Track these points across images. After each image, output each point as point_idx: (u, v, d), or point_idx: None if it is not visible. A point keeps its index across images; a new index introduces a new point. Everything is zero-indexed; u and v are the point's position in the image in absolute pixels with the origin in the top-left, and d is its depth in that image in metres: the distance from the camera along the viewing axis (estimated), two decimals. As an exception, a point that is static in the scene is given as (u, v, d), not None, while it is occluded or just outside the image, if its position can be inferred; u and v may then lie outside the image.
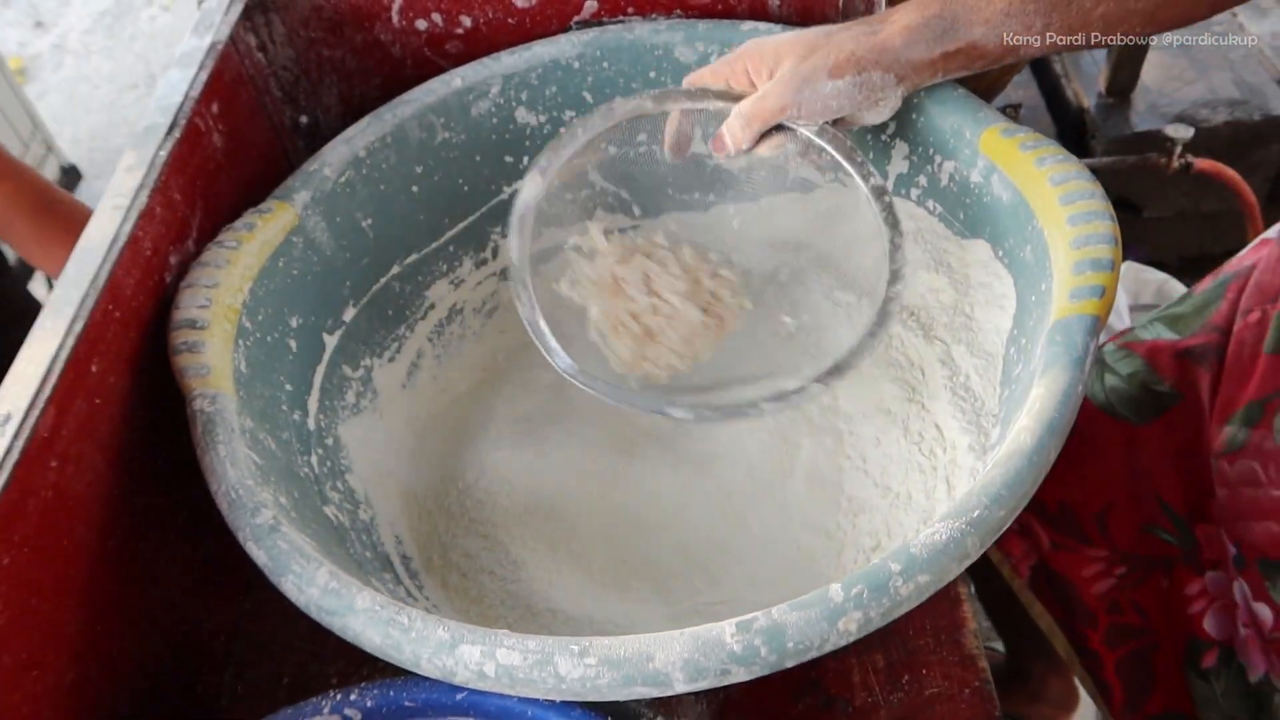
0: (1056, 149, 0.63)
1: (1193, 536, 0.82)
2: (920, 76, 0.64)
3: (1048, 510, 0.89)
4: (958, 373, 0.72)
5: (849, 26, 0.65)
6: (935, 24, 0.62)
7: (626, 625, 0.68)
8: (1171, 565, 0.84)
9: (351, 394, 0.75)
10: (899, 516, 0.70)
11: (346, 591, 0.50)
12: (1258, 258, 0.81)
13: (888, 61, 0.63)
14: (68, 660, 0.56)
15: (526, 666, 0.46)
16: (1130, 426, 0.84)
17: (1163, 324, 0.84)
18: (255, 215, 0.69)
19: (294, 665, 0.70)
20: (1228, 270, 0.83)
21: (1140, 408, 0.84)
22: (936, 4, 0.62)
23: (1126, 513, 0.85)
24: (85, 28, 3.04)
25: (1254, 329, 0.77)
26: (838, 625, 0.46)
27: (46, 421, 0.53)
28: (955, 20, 0.62)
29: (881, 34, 0.63)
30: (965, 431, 0.70)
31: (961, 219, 0.71)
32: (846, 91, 0.64)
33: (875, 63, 0.63)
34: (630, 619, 0.69)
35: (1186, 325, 0.83)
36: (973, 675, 0.65)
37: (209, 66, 0.73)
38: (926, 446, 0.72)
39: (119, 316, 0.60)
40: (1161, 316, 0.85)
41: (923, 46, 0.63)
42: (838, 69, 0.63)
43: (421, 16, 0.82)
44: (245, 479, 0.55)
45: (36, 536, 0.52)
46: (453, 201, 0.81)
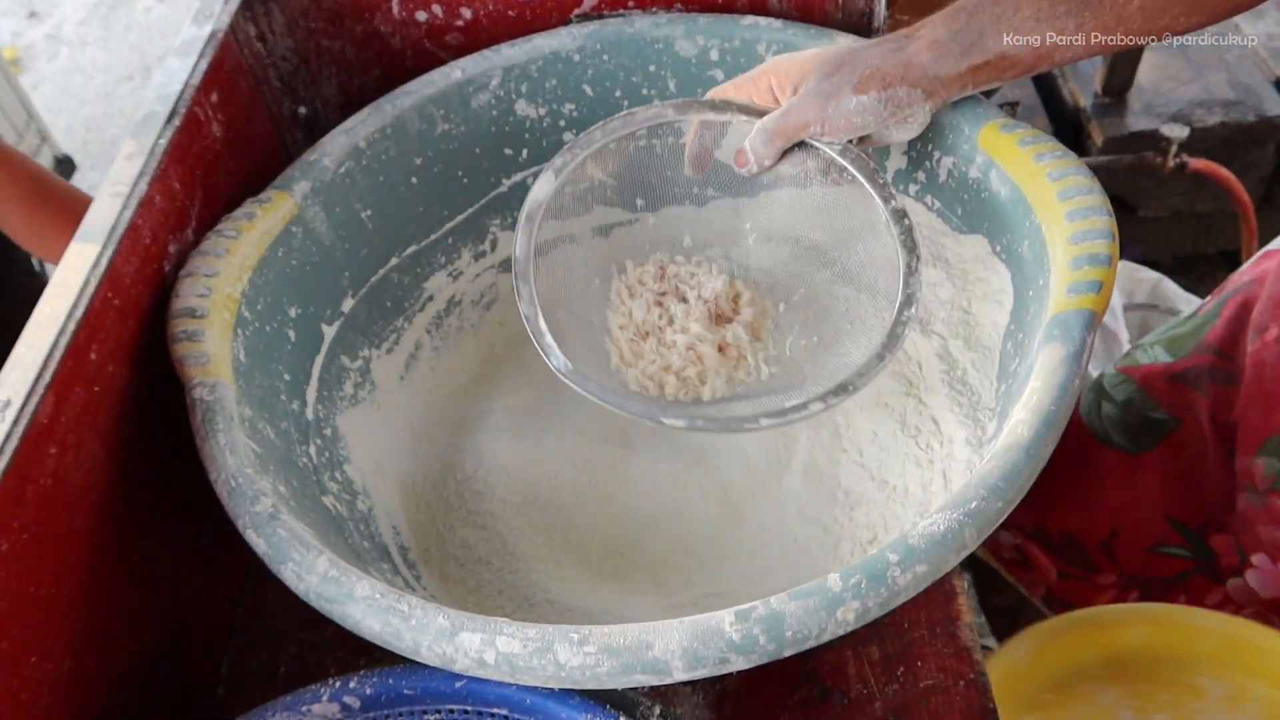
0: (1054, 144, 0.64)
1: (1208, 547, 0.81)
2: (949, 91, 0.63)
3: (1052, 541, 0.88)
4: (955, 367, 0.73)
5: (877, 42, 0.65)
6: (962, 37, 0.61)
7: (623, 616, 0.68)
8: (1188, 579, 0.83)
9: (350, 384, 0.75)
10: (895, 510, 0.70)
11: (346, 579, 0.50)
12: (1260, 271, 0.79)
13: (915, 77, 0.62)
14: (66, 647, 0.56)
15: (526, 654, 0.46)
16: (1130, 456, 0.83)
17: (1161, 346, 0.83)
18: (255, 205, 0.69)
19: (291, 654, 0.70)
20: (1229, 287, 0.82)
21: (1137, 436, 0.82)
22: (963, 16, 0.62)
23: (1132, 537, 0.84)
24: (80, 18, 3.03)
25: (1274, 347, 0.75)
26: (836, 614, 0.46)
27: (46, 409, 0.53)
28: (983, 32, 0.61)
29: (908, 50, 0.62)
30: (962, 425, 0.70)
31: (959, 214, 0.71)
32: (871, 107, 0.63)
33: (901, 78, 0.62)
34: (627, 610, 0.69)
35: (1182, 347, 0.82)
36: (967, 667, 0.66)
37: (209, 56, 0.72)
38: (923, 440, 0.73)
39: (118, 305, 0.60)
40: (1161, 339, 0.84)
41: (950, 61, 0.62)
42: (863, 84, 0.63)
43: (421, 8, 0.82)
44: (244, 467, 0.55)
45: (35, 524, 0.52)
46: (452, 193, 0.81)
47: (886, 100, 0.63)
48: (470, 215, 0.82)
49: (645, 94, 0.81)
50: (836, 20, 0.83)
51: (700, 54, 0.79)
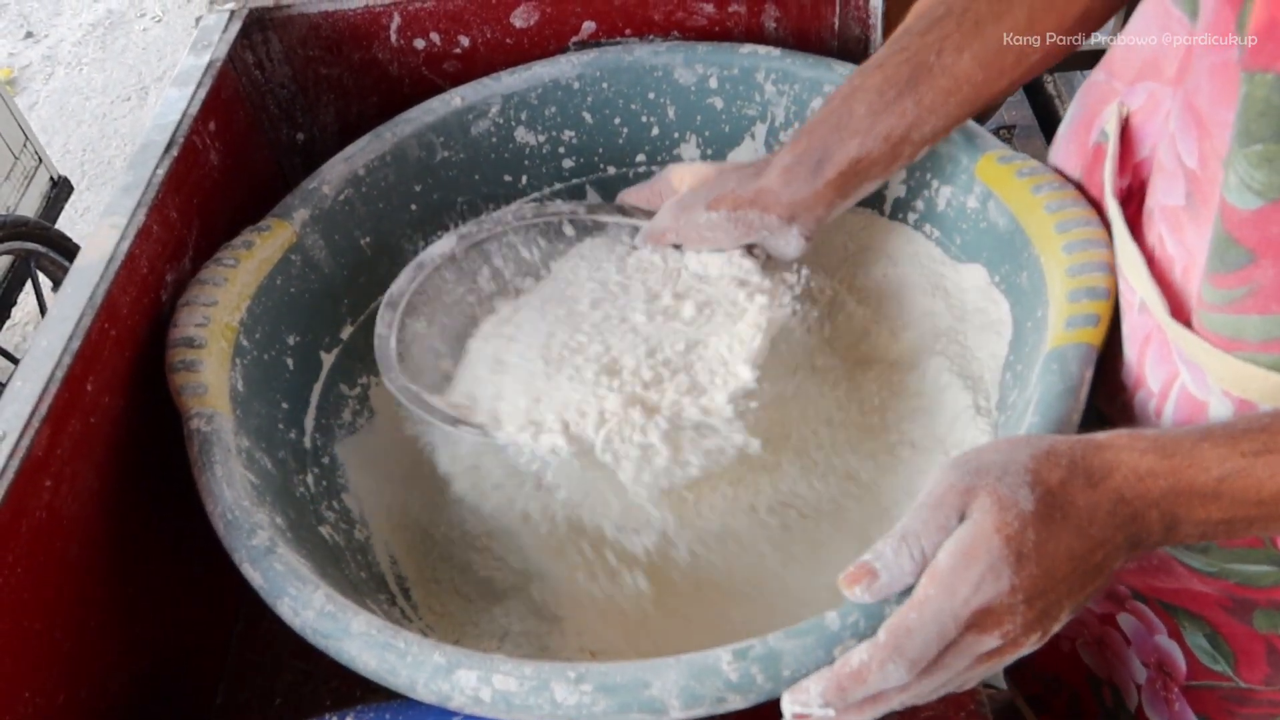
0: (1052, 176, 0.64)
1: None
2: (816, 210, 0.65)
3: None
4: (954, 398, 0.72)
5: (741, 167, 0.67)
6: (807, 159, 0.63)
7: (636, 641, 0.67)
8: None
9: (348, 412, 0.74)
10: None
11: (342, 615, 0.50)
12: None
13: (767, 202, 0.65)
14: (59, 680, 0.55)
15: (523, 692, 0.46)
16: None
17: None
18: (254, 233, 0.69)
19: (287, 684, 0.70)
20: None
21: None
22: (804, 139, 0.64)
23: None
24: (77, 39, 3.04)
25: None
26: (833, 653, 0.46)
27: (41, 441, 0.52)
28: (826, 148, 0.63)
29: (762, 178, 0.65)
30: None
31: (958, 243, 0.71)
32: (721, 224, 0.66)
33: (752, 203, 0.65)
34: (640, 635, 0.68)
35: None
36: (968, 698, 0.65)
37: (207, 85, 0.73)
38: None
39: (115, 335, 0.60)
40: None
41: (801, 183, 0.64)
42: (715, 203, 0.66)
43: (420, 36, 0.82)
44: (242, 500, 0.55)
45: (29, 557, 0.52)
46: (451, 220, 0.81)
47: (736, 220, 0.66)
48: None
49: (644, 120, 0.82)
50: (833, 48, 0.83)
51: (699, 81, 0.80)
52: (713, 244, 0.67)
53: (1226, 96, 0.47)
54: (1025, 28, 0.60)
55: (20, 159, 2.03)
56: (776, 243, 0.66)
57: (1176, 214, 0.54)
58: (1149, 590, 0.67)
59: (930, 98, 0.61)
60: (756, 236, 0.66)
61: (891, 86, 0.61)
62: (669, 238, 0.69)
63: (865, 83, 0.62)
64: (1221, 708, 0.68)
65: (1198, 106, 0.50)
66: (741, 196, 0.65)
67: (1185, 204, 0.53)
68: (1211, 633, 0.64)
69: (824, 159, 0.63)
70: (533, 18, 0.82)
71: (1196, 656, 0.67)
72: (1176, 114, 0.53)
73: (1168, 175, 0.54)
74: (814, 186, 0.64)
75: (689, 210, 0.67)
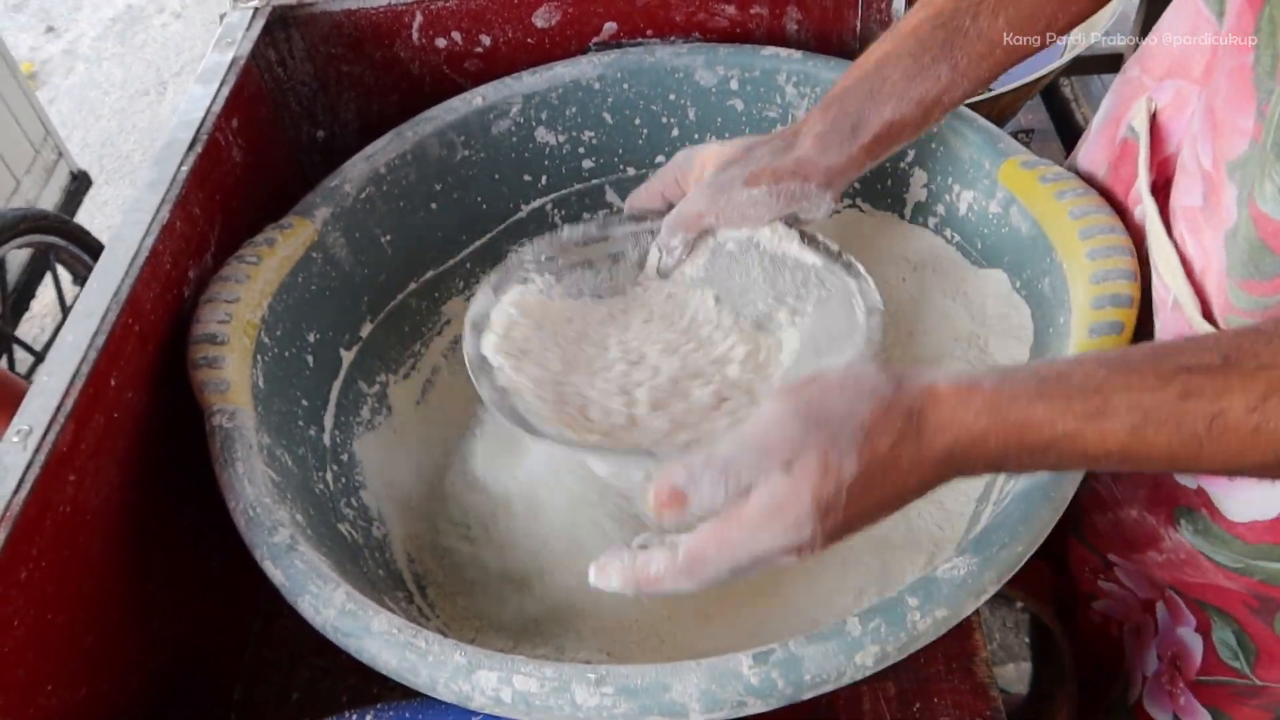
0: (1077, 183, 0.64)
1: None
2: (848, 174, 0.65)
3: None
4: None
5: (768, 139, 0.67)
6: (843, 124, 0.64)
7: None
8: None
9: (367, 410, 0.75)
10: (908, 555, 0.69)
11: (363, 613, 0.50)
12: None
13: (806, 171, 0.65)
14: (81, 674, 0.56)
15: (543, 693, 0.46)
16: None
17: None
18: (276, 230, 0.69)
19: (305, 680, 0.70)
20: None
21: None
22: (835, 106, 0.64)
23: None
24: (97, 33, 3.05)
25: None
26: (854, 659, 0.46)
27: (66, 437, 0.53)
28: (860, 113, 0.63)
29: (796, 148, 0.65)
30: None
31: (979, 248, 0.71)
32: (763, 200, 0.65)
33: (793, 174, 0.65)
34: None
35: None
36: (984, 704, 0.65)
37: (230, 82, 0.73)
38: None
39: (138, 331, 0.60)
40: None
41: (836, 150, 0.64)
42: (754, 179, 0.65)
43: (441, 35, 0.83)
44: (263, 496, 0.55)
45: (53, 551, 0.52)
46: (471, 219, 0.81)
47: (779, 194, 0.65)
48: (489, 241, 0.83)
49: (665, 122, 0.82)
50: (854, 51, 0.83)
51: (720, 83, 0.80)
52: (753, 221, 0.67)
53: (1242, 101, 0.46)
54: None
55: (41, 153, 2.04)
56: (810, 208, 0.66)
57: (1195, 215, 0.54)
58: (1178, 584, 0.67)
59: (965, 62, 0.61)
60: (796, 207, 0.66)
61: (926, 51, 0.61)
62: (705, 221, 0.68)
63: (898, 47, 0.62)
64: (1231, 700, 0.69)
65: (1215, 108, 0.50)
66: (781, 169, 0.65)
67: (1202, 205, 0.53)
68: (1238, 630, 0.65)
69: (859, 124, 0.63)
70: (554, 18, 0.82)
71: (1218, 652, 0.67)
72: (1199, 115, 0.53)
73: (1189, 175, 0.54)
74: (849, 151, 0.64)
75: (726, 190, 0.66)
